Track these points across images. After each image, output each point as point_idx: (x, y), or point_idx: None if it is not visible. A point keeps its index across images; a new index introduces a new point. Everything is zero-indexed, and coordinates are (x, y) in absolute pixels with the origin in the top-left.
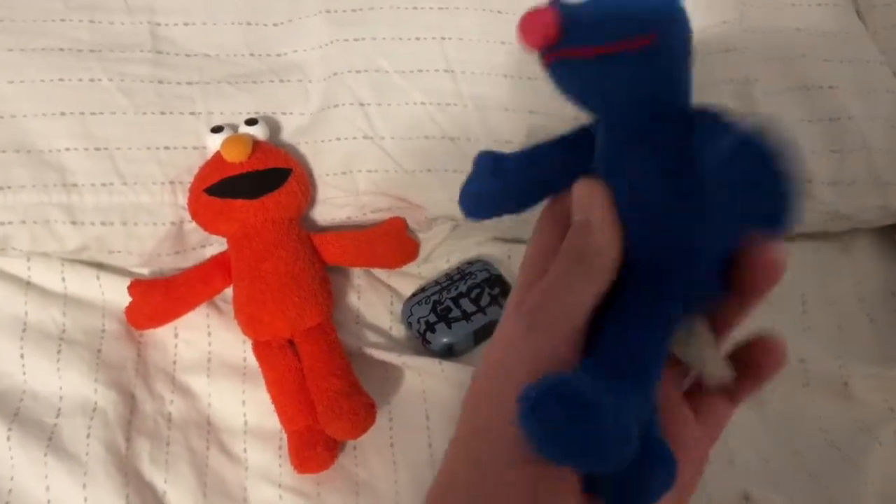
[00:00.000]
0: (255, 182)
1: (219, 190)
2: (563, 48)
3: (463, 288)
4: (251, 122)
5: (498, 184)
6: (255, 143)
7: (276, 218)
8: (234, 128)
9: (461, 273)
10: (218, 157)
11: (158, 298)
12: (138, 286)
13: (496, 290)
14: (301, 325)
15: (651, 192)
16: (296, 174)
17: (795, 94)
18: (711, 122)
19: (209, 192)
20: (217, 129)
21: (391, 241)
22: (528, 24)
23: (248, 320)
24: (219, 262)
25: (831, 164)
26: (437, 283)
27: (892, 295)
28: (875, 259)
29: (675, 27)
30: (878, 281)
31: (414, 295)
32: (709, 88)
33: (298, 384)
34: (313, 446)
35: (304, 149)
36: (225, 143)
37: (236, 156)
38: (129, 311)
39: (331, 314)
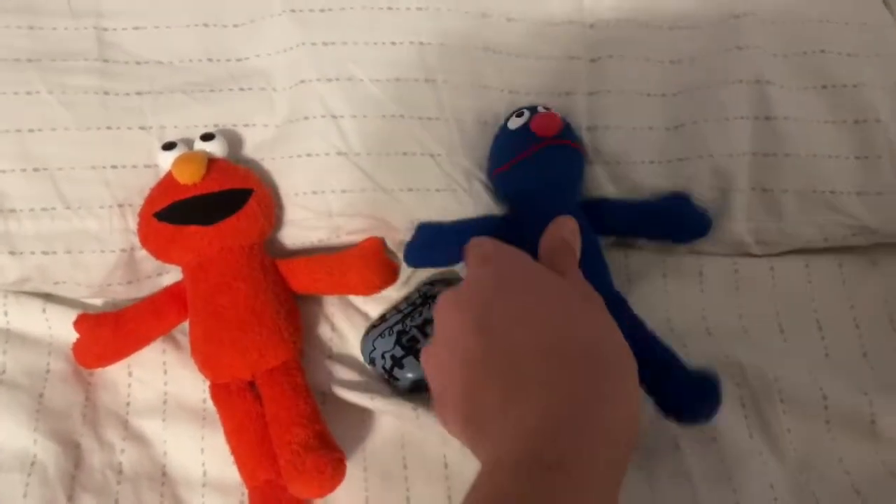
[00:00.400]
0: (209, 205)
1: (169, 215)
2: (560, 139)
3: (428, 314)
4: (207, 137)
5: (438, 249)
6: (211, 162)
7: (234, 245)
8: (189, 143)
9: (423, 296)
10: (169, 177)
11: (107, 334)
12: (85, 321)
13: None
14: (263, 366)
15: None
16: (257, 195)
17: (816, 94)
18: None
19: (159, 216)
20: (169, 146)
21: (367, 264)
22: (544, 118)
23: (205, 360)
24: (173, 292)
25: (857, 171)
26: (397, 309)
27: None
28: None
29: None
30: None
31: (374, 326)
32: (721, 89)
33: (259, 434)
34: None
35: (269, 165)
36: (176, 161)
37: (189, 176)
38: (77, 348)
39: (299, 351)
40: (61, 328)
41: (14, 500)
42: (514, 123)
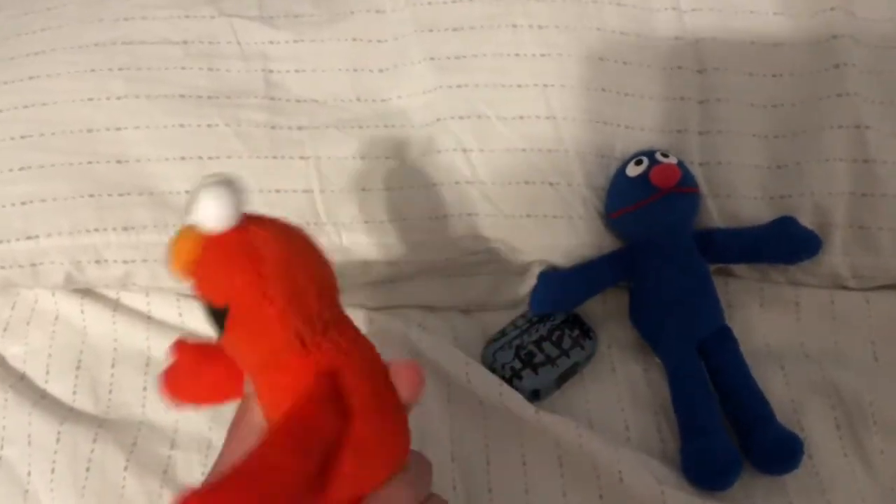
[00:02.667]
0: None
1: None
2: (680, 187)
3: (543, 331)
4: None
5: (560, 297)
6: None
7: None
8: None
9: (539, 315)
10: None
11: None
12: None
13: (576, 332)
14: None
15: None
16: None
17: None
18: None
19: None
20: None
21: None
22: (663, 170)
23: None
24: None
25: None
26: (515, 325)
27: None
28: None
29: None
30: None
31: (494, 339)
32: (820, 133)
33: None
34: None
35: (407, 193)
36: None
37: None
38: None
39: None
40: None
41: (193, 475)
42: (633, 171)
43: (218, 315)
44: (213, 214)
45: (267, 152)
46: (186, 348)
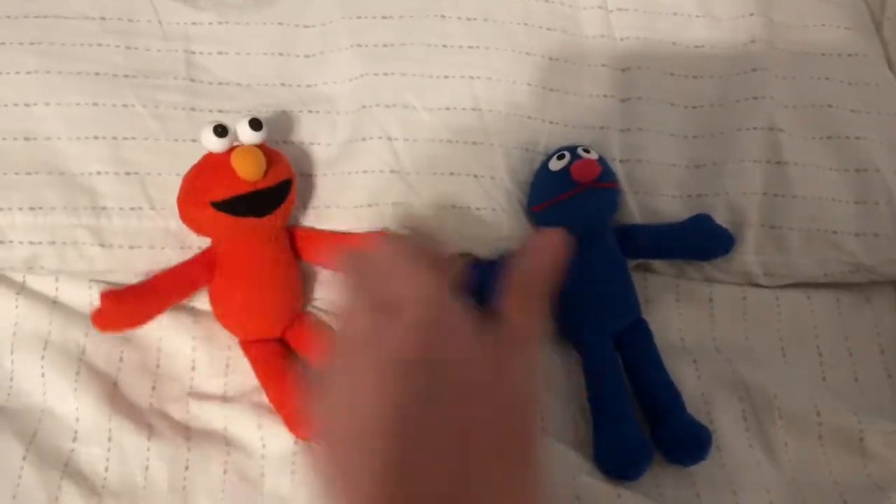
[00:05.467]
0: (265, 199)
1: (229, 207)
2: (599, 182)
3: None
4: (255, 125)
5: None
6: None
7: (278, 228)
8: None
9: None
10: (225, 166)
11: (133, 306)
12: (112, 296)
13: None
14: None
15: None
16: (293, 181)
17: (822, 143)
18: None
19: (218, 207)
20: (220, 132)
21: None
22: (584, 166)
23: (242, 323)
24: (204, 261)
25: (856, 214)
26: None
27: None
28: None
29: None
30: None
31: None
32: (736, 134)
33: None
34: None
35: (332, 179)
36: (238, 157)
37: (252, 175)
38: (98, 317)
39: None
40: None
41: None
42: (556, 165)
43: (281, 191)
44: (259, 134)
45: (186, 135)
46: (111, 293)
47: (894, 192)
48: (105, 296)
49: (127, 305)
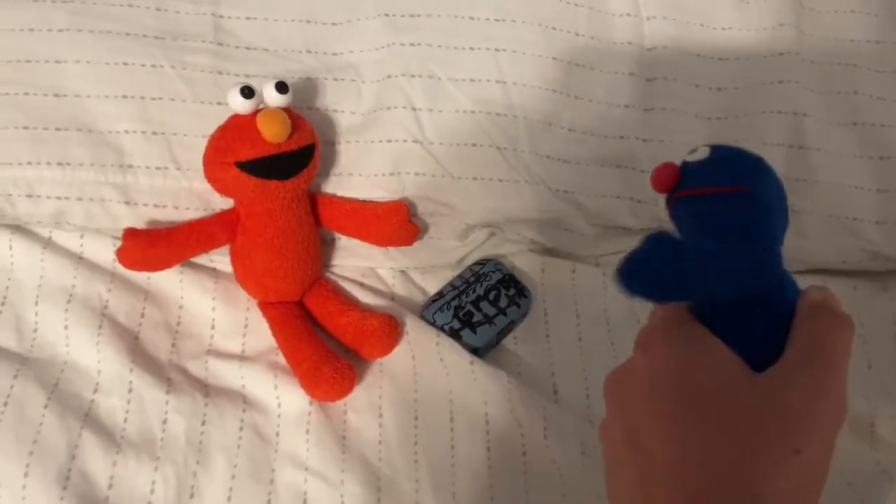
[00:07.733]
0: (289, 162)
1: (253, 168)
2: (679, 191)
3: (480, 291)
4: (282, 88)
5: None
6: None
7: (300, 192)
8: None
9: (475, 275)
10: (251, 128)
11: (159, 250)
12: (135, 235)
13: (511, 291)
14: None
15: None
16: (317, 147)
17: (847, 129)
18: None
19: (242, 167)
20: (247, 93)
21: (388, 221)
22: (658, 173)
23: (263, 286)
24: (226, 219)
25: (878, 202)
26: (452, 286)
27: None
28: None
29: (763, 184)
30: None
31: (433, 301)
32: (760, 117)
33: (312, 334)
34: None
35: (354, 147)
36: (264, 119)
37: (277, 137)
38: (123, 254)
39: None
40: (158, 279)
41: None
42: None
43: (304, 155)
44: (285, 97)
45: (212, 97)
46: (133, 232)
47: None
48: (127, 234)
49: (147, 246)
